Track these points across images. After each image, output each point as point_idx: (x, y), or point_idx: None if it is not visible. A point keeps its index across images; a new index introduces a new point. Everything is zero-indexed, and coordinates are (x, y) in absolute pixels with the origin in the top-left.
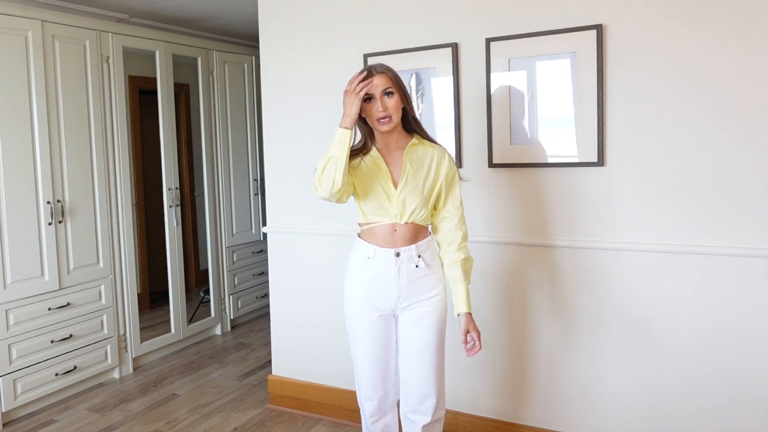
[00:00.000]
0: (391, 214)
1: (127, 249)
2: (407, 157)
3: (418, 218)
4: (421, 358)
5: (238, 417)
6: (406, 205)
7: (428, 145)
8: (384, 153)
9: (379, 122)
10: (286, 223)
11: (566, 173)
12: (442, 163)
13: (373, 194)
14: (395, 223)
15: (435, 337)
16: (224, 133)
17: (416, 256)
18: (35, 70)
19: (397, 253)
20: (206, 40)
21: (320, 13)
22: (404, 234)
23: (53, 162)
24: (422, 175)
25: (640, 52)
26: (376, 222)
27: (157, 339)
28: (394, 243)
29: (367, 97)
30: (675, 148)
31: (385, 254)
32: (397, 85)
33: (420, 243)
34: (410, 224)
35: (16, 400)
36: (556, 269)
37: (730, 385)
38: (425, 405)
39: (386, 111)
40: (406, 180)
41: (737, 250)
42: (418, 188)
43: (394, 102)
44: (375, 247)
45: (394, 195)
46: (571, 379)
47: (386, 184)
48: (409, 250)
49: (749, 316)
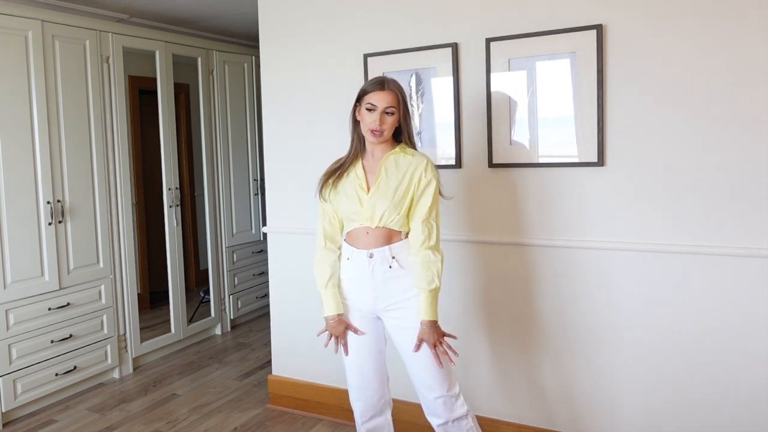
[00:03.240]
0: (364, 217)
1: (127, 249)
2: (384, 164)
3: (389, 222)
4: (416, 359)
5: (238, 417)
6: (376, 208)
7: (410, 154)
8: (368, 162)
9: (371, 133)
10: (286, 223)
11: (566, 173)
12: (417, 170)
13: (349, 201)
14: (367, 227)
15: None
16: (224, 133)
17: (390, 257)
18: (35, 70)
19: (371, 254)
20: (206, 40)
21: (320, 13)
22: (377, 237)
23: (53, 162)
24: (395, 181)
25: (640, 52)
26: (353, 227)
27: (157, 339)
28: (367, 245)
29: (369, 107)
30: (675, 148)
31: (360, 255)
32: (401, 107)
33: (394, 245)
34: (383, 228)
35: (16, 400)
36: (556, 269)
37: (729, 382)
38: (436, 405)
39: (381, 126)
40: (378, 185)
41: (737, 250)
42: (388, 193)
43: (391, 120)
44: (353, 249)
45: (365, 199)
46: (570, 378)
47: (360, 189)
48: (382, 251)
49: (750, 315)
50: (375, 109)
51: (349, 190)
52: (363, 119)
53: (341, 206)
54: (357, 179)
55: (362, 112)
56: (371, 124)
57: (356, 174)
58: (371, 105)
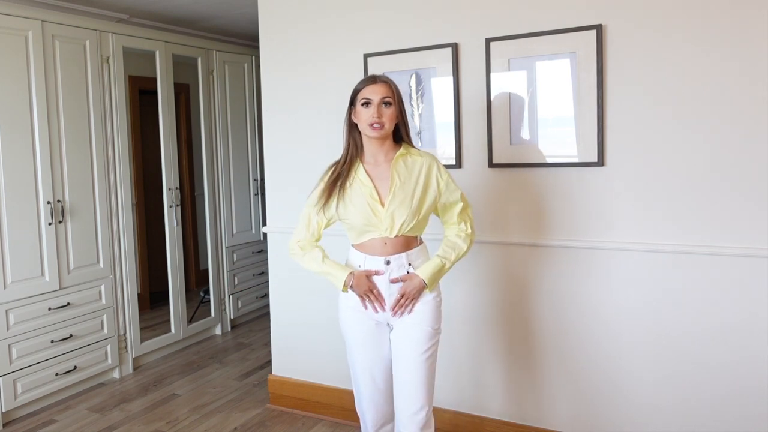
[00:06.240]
0: (381, 228)
1: (127, 249)
2: (395, 168)
3: (408, 230)
4: (412, 363)
5: (238, 417)
6: (395, 219)
7: (416, 153)
8: (371, 166)
9: (371, 127)
10: (286, 223)
11: (566, 173)
12: (431, 172)
13: (361, 213)
14: (385, 237)
15: (426, 340)
16: (224, 133)
17: (406, 264)
18: (35, 70)
19: (387, 261)
20: (206, 40)
21: (320, 13)
22: (395, 246)
23: (53, 162)
24: (411, 185)
25: (640, 52)
26: (366, 239)
27: (157, 339)
28: (384, 253)
29: (364, 102)
30: (675, 148)
31: (375, 262)
32: (397, 99)
33: (411, 251)
34: (400, 237)
35: (16, 400)
36: (556, 269)
37: (731, 379)
38: (418, 417)
39: (380, 118)
40: (394, 193)
41: (738, 250)
42: (406, 200)
43: (390, 112)
44: (365, 255)
45: (382, 211)
46: (571, 379)
47: (372, 200)
48: (399, 258)
49: (749, 315)
50: (371, 102)
51: (357, 201)
52: (360, 118)
53: (351, 219)
54: (363, 187)
55: (358, 110)
56: (370, 118)
57: (361, 181)
58: (366, 99)
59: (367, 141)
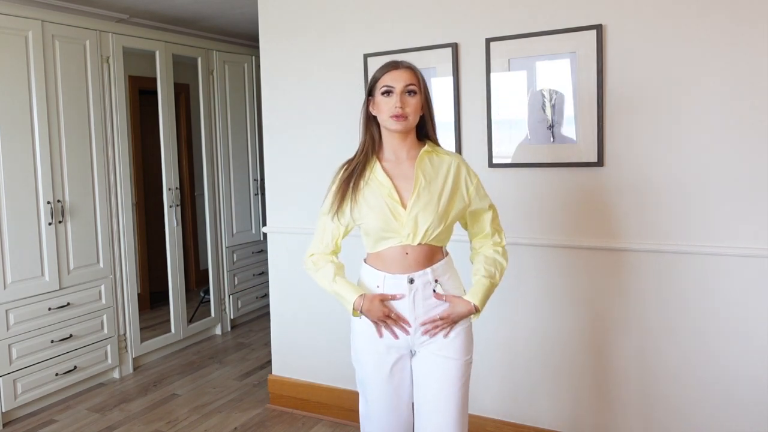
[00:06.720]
0: (402, 234)
1: (127, 249)
2: (419, 167)
3: (433, 238)
4: (444, 403)
5: (238, 417)
6: (419, 223)
7: (443, 153)
8: (390, 164)
9: (394, 119)
10: (286, 223)
11: (566, 173)
12: (460, 174)
13: (379, 216)
14: (406, 246)
15: (459, 370)
16: (224, 133)
17: (433, 281)
18: (35, 70)
19: (411, 279)
20: (206, 40)
21: (320, 13)
22: (417, 257)
23: (53, 162)
24: (437, 186)
25: (640, 52)
26: (384, 247)
27: (157, 339)
28: (406, 268)
29: (385, 90)
30: (675, 148)
31: (397, 281)
32: (422, 87)
33: (436, 266)
34: (424, 246)
35: (16, 400)
36: (555, 269)
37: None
38: None
39: (404, 109)
40: (418, 194)
41: (738, 250)
42: (432, 203)
43: (415, 102)
44: (384, 273)
45: (403, 213)
46: (570, 377)
47: (392, 201)
48: (424, 274)
49: (750, 314)
50: (393, 91)
51: (374, 202)
52: (380, 109)
53: (367, 222)
54: (382, 187)
55: (377, 101)
56: (392, 109)
57: (378, 180)
58: (388, 87)
59: (388, 135)
